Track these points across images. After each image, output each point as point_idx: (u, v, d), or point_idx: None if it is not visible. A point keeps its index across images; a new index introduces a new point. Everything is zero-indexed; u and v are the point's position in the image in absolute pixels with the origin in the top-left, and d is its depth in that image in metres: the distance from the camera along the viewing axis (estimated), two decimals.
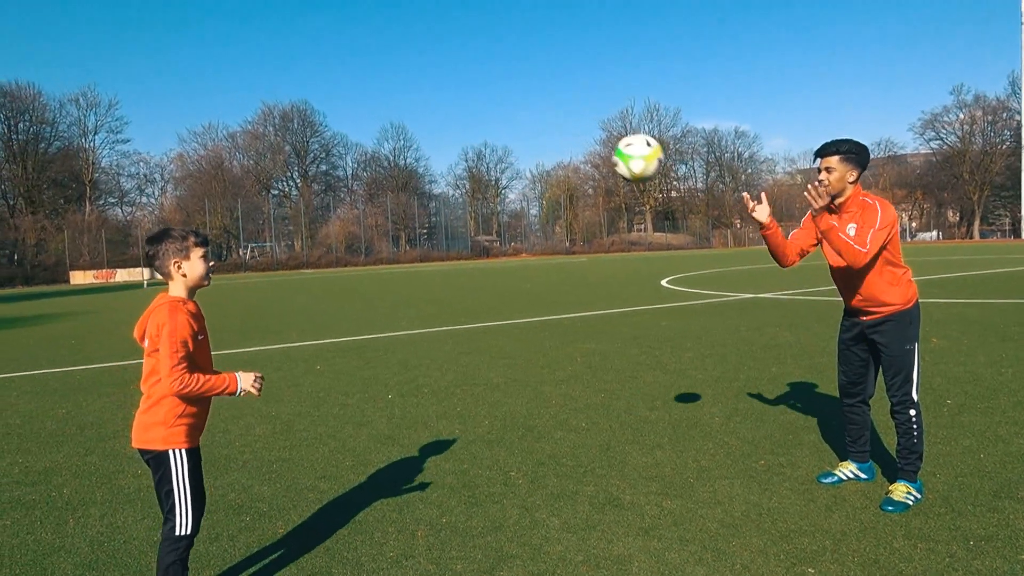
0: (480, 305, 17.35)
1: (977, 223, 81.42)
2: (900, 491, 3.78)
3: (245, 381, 2.89)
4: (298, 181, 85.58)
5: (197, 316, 2.91)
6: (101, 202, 76.16)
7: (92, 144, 74.45)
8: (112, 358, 10.64)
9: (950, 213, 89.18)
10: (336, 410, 6.59)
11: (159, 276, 2.94)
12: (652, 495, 4.08)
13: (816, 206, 3.73)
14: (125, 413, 6.79)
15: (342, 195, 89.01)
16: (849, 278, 3.92)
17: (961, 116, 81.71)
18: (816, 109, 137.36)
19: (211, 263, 3.00)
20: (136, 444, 2.88)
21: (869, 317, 3.94)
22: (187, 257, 2.89)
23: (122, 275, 58.35)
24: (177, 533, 2.83)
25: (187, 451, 2.86)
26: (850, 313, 4.08)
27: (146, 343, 2.87)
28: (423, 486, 4.40)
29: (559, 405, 6.41)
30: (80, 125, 73.25)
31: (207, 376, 2.83)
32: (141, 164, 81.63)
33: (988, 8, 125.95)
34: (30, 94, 66.93)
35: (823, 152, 3.84)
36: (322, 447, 5.38)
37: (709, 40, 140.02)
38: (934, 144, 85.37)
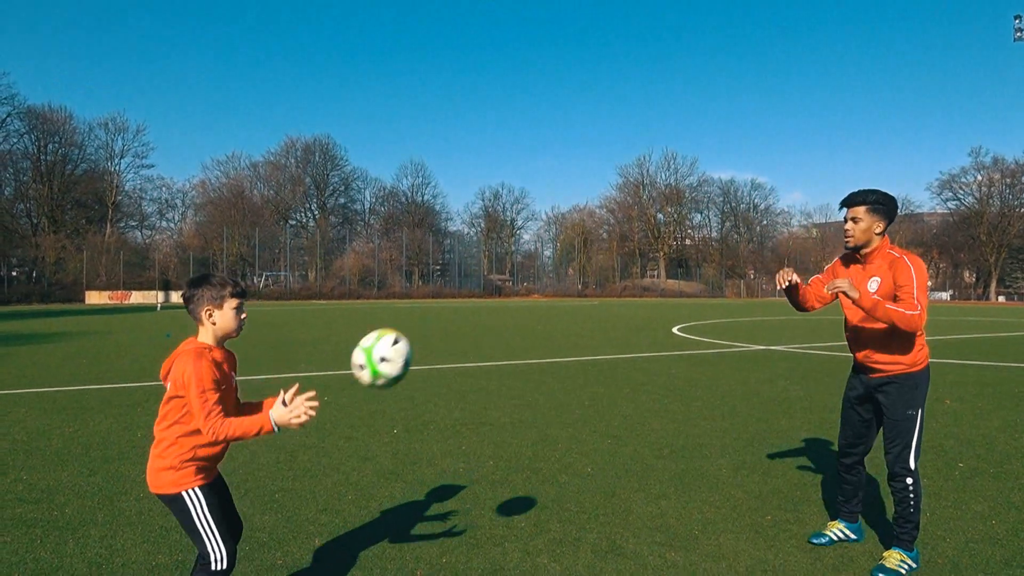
0: (490, 344, 17.33)
1: (994, 285, 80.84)
2: (894, 559, 3.69)
3: (280, 418, 2.71)
4: (316, 213, 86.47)
5: (222, 364, 2.85)
6: (122, 224, 77.17)
7: (117, 168, 75.70)
8: (122, 379, 10.68)
9: (966, 274, 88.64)
10: (341, 443, 6.57)
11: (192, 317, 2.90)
12: (655, 545, 4.03)
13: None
14: (131, 435, 6.80)
15: (358, 228, 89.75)
16: (861, 332, 3.89)
17: (979, 177, 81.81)
18: (835, 165, 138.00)
19: (243, 315, 2.95)
20: (151, 489, 2.85)
21: (875, 375, 3.88)
22: (220, 306, 2.86)
23: (136, 297, 58.83)
24: (212, 568, 2.79)
25: (202, 488, 2.80)
26: (857, 370, 4.04)
27: (168, 385, 2.81)
28: (424, 524, 4.36)
29: (565, 448, 6.36)
30: (107, 149, 74.59)
31: (239, 420, 2.73)
32: (163, 189, 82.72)
33: (1009, 72, 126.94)
34: (61, 117, 68.39)
35: (850, 202, 3.80)
36: (325, 479, 5.35)
37: (730, 91, 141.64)
38: (951, 204, 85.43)
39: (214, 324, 2.86)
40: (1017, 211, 79.67)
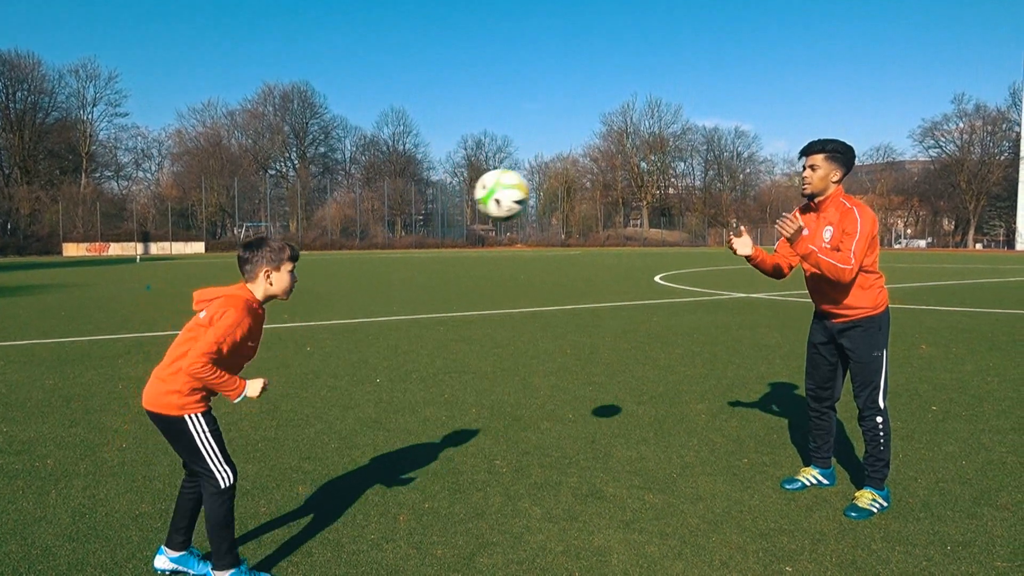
0: (473, 294, 17.34)
1: (972, 232, 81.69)
2: (865, 498, 3.79)
3: (251, 389, 2.92)
4: (296, 162, 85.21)
5: (261, 322, 3.04)
6: (97, 175, 75.67)
7: (90, 116, 73.94)
8: (102, 331, 10.60)
9: (945, 221, 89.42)
10: (324, 392, 6.59)
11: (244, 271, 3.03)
12: (635, 489, 4.10)
13: (787, 235, 3.75)
14: (112, 386, 6.77)
15: (339, 178, 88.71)
16: (820, 280, 3.90)
17: (961, 125, 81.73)
18: (818, 113, 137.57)
19: (296, 279, 3.17)
20: (148, 406, 2.95)
21: (838, 320, 3.92)
22: (278, 268, 3.03)
23: (115, 249, 58.12)
24: (221, 487, 2.94)
25: (203, 414, 2.94)
26: (819, 316, 4.07)
27: (202, 315, 2.92)
28: (407, 471, 4.41)
29: (547, 396, 6.43)
30: (79, 96, 72.69)
31: (222, 373, 2.83)
32: (139, 138, 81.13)
33: (992, 19, 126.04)
34: (29, 63, 66.39)
35: (808, 150, 3.85)
36: (308, 428, 5.38)
37: (714, 39, 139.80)
38: (933, 152, 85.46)
39: (270, 284, 3.03)
40: (997, 159, 80.00)
